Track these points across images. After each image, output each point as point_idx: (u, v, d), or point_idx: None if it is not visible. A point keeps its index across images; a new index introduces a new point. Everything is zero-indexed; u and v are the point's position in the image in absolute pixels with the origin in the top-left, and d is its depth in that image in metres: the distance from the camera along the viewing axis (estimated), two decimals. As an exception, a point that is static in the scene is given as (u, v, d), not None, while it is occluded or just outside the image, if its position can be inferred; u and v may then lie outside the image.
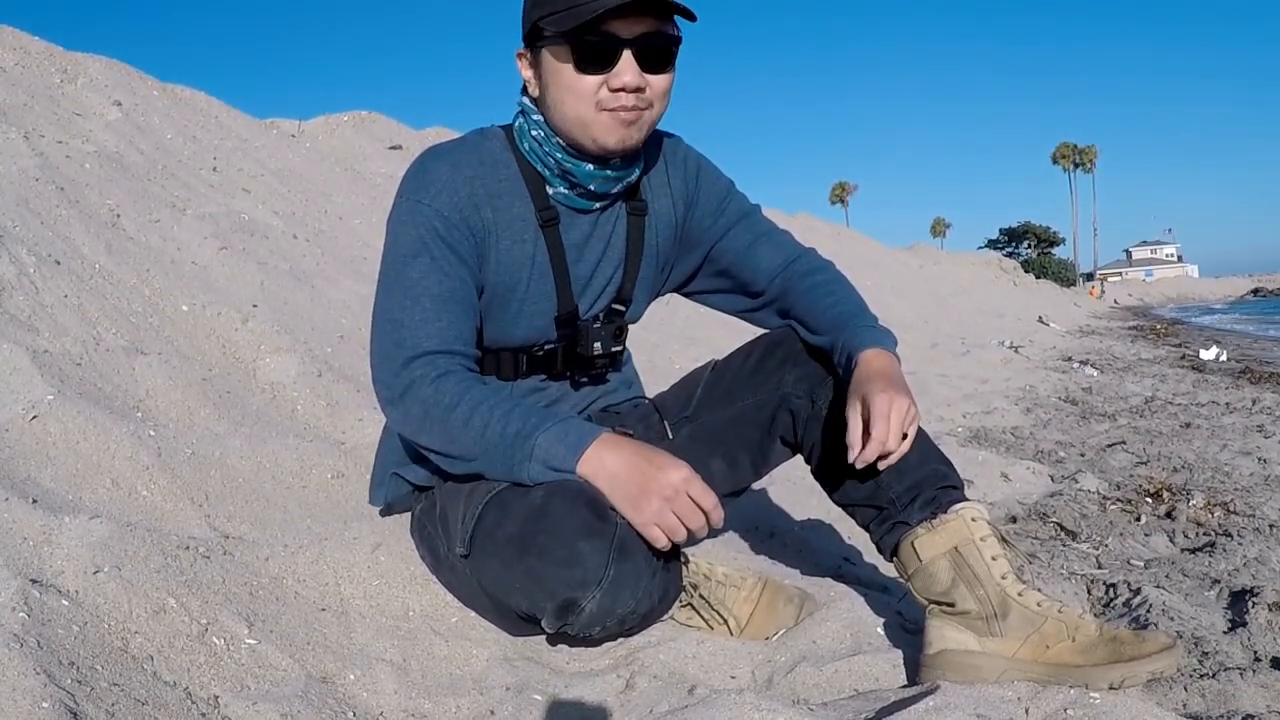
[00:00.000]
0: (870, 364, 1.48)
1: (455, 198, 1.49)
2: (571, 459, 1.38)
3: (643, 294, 1.70)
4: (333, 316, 3.20)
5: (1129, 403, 5.58)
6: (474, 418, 1.42)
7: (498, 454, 1.42)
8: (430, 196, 1.49)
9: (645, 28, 1.41)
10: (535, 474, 1.40)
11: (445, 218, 1.48)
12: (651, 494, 1.35)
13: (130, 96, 4.62)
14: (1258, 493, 3.01)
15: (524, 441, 1.40)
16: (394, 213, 1.53)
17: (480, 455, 1.43)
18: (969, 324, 12.43)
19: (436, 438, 1.46)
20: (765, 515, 2.47)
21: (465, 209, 1.50)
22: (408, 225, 1.49)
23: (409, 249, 1.49)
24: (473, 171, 1.52)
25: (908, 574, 1.49)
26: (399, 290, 1.48)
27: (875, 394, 1.41)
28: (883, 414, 1.39)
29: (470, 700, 1.41)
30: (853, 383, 1.47)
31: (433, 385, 1.44)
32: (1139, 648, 1.33)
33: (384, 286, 1.51)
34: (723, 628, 1.61)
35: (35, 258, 2.55)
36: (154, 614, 1.39)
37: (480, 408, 1.42)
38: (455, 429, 1.43)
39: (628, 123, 1.45)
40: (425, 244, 1.48)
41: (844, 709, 1.34)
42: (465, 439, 1.43)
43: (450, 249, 1.49)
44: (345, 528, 1.77)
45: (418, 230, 1.48)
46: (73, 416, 1.88)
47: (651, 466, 1.36)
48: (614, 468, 1.37)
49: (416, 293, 1.47)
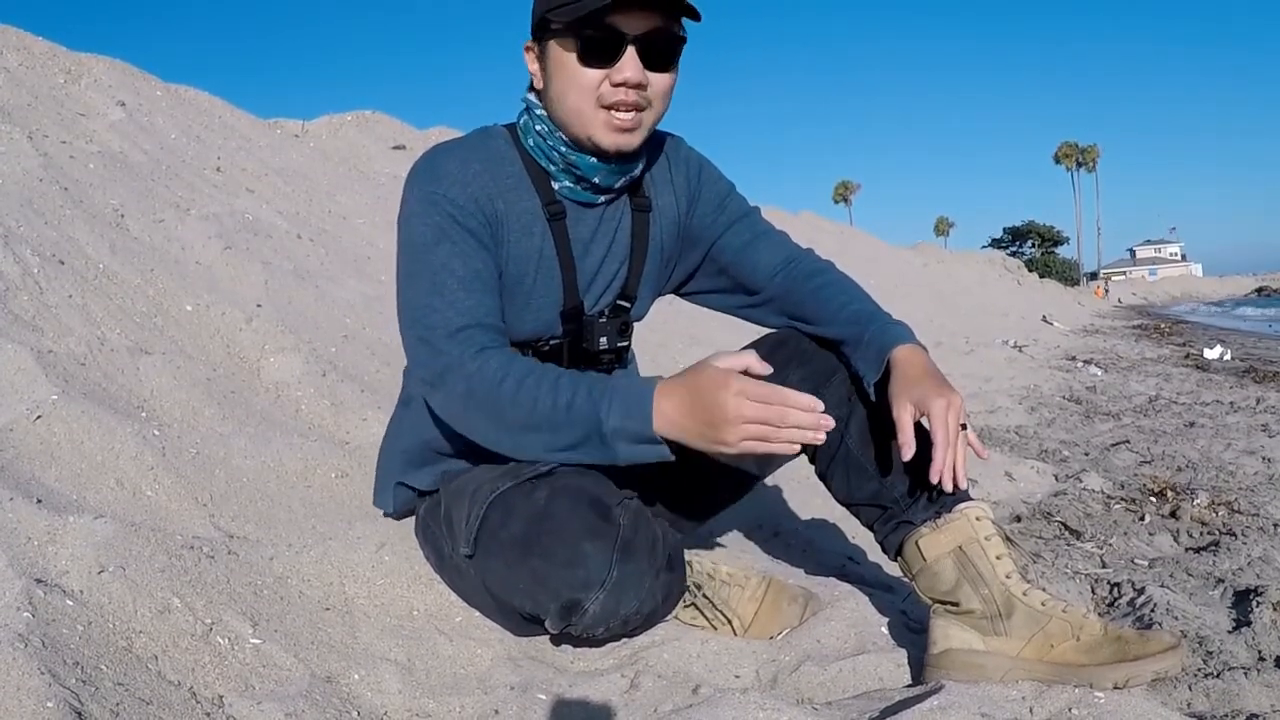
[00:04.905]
0: (911, 362, 1.48)
1: (468, 188, 1.49)
2: (649, 430, 1.33)
3: (647, 290, 1.70)
4: (337, 316, 3.20)
5: (1133, 402, 5.57)
6: (522, 392, 1.37)
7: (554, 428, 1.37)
8: (443, 187, 1.48)
9: (650, 25, 1.41)
10: (626, 456, 1.35)
11: (460, 205, 1.47)
12: (719, 425, 1.29)
13: (134, 96, 4.63)
14: (1262, 492, 3.00)
15: (596, 427, 1.34)
16: (407, 207, 1.51)
17: (534, 429, 1.38)
18: (973, 323, 12.41)
19: (483, 415, 1.41)
20: (769, 514, 2.47)
21: (479, 198, 1.49)
22: (424, 215, 1.48)
23: (429, 237, 1.47)
24: (480, 165, 1.51)
25: (912, 573, 1.49)
26: (425, 277, 1.46)
27: (931, 397, 1.41)
28: (941, 418, 1.39)
29: (474, 700, 1.41)
30: (897, 383, 1.47)
31: (475, 361, 1.40)
32: (1143, 647, 1.33)
33: (407, 277, 1.49)
34: (727, 627, 1.61)
35: (39, 258, 2.55)
36: (158, 614, 1.40)
37: (527, 380, 1.38)
38: (504, 404, 1.38)
39: (625, 128, 1.45)
40: (445, 231, 1.46)
41: (848, 708, 1.34)
42: (516, 414, 1.38)
43: (470, 234, 1.47)
44: (349, 527, 1.78)
45: (436, 218, 1.47)
46: (77, 416, 1.89)
47: (704, 389, 1.30)
48: (678, 420, 1.32)
49: (443, 277, 1.45)
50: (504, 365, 1.40)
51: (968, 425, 1.43)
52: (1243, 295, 59.63)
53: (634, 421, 1.33)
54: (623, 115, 1.44)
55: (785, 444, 1.29)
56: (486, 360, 1.40)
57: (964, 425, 1.42)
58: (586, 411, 1.35)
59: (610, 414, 1.34)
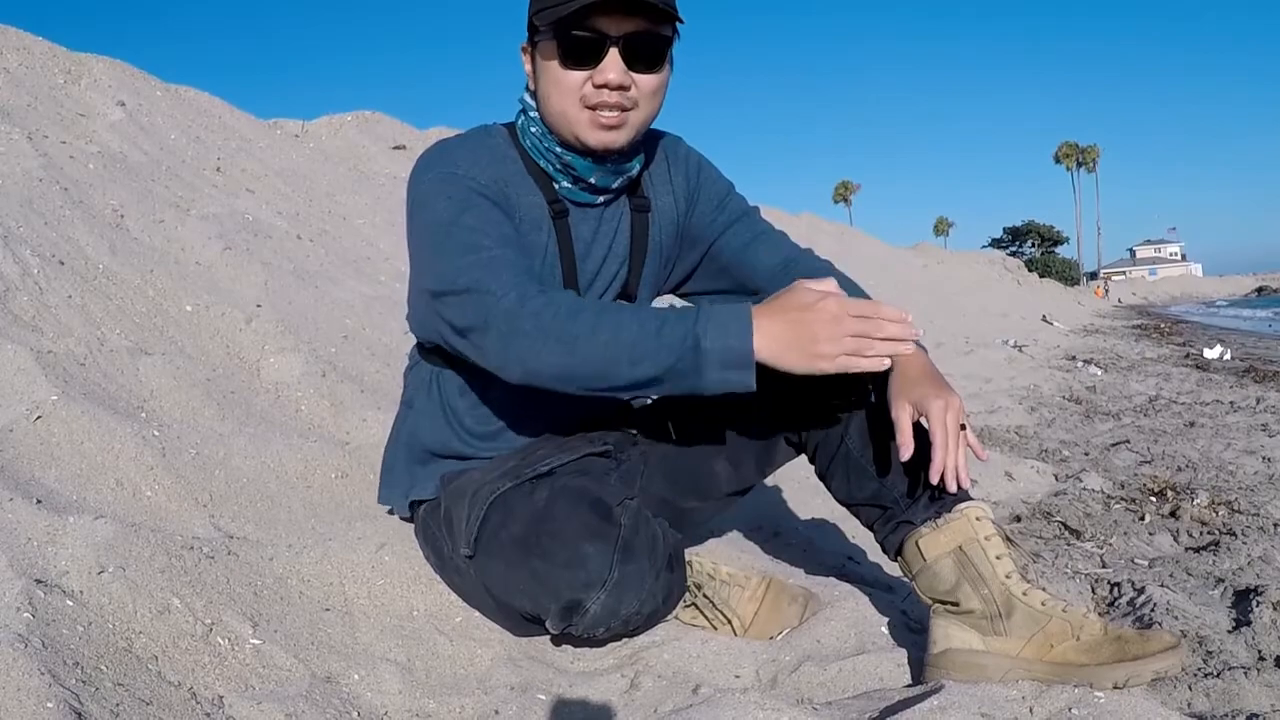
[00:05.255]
0: (910, 363, 1.48)
1: (482, 175, 1.47)
2: (748, 346, 1.27)
3: (647, 290, 1.70)
4: (337, 316, 3.20)
5: (1133, 402, 5.57)
6: (603, 319, 1.30)
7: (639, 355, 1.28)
8: (461, 168, 1.46)
9: (634, 26, 1.41)
10: (715, 382, 1.28)
11: (481, 183, 1.45)
12: (819, 339, 1.26)
13: (134, 97, 4.63)
14: (1262, 491, 3.00)
15: (691, 348, 1.27)
16: (420, 191, 1.46)
17: (615, 359, 1.29)
18: (973, 323, 12.41)
19: (558, 346, 1.30)
20: (769, 515, 2.47)
21: (495, 181, 1.48)
22: (443, 193, 1.44)
23: (452, 210, 1.41)
24: (487, 160, 1.51)
25: (912, 573, 1.49)
26: (455, 244, 1.39)
27: (930, 399, 1.40)
28: (940, 419, 1.39)
29: (474, 700, 1.41)
30: (896, 383, 1.46)
31: (543, 296, 1.32)
32: (1143, 647, 1.33)
33: (435, 250, 1.41)
34: (727, 627, 1.61)
35: (39, 258, 2.56)
36: (158, 614, 1.40)
37: (608, 310, 1.31)
38: (582, 332, 1.29)
39: (609, 126, 1.44)
40: (470, 201, 1.43)
41: (848, 708, 1.34)
42: (595, 341, 1.29)
43: (494, 204, 1.45)
44: (349, 527, 1.78)
45: (457, 193, 1.43)
46: (77, 417, 1.89)
47: (805, 317, 1.27)
48: (779, 336, 1.28)
49: (477, 238, 1.38)
50: (576, 300, 1.34)
51: (967, 426, 1.43)
52: (1242, 295, 59.67)
53: (734, 339, 1.26)
54: (607, 115, 1.43)
55: (878, 358, 1.27)
56: (554, 296, 1.33)
57: (963, 426, 1.42)
58: (680, 334, 1.27)
59: (708, 333, 1.27)
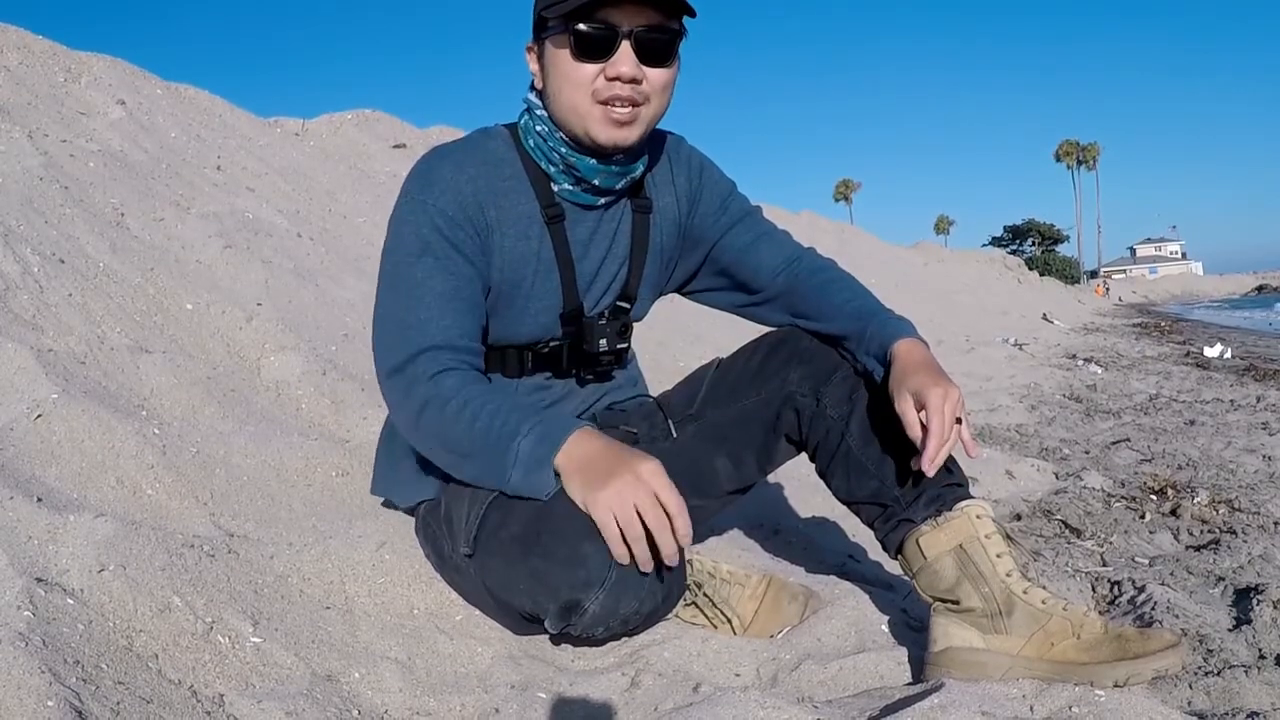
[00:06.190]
0: (911, 355, 1.49)
1: (459, 196, 1.49)
2: (550, 455, 1.35)
3: (647, 291, 1.70)
4: (337, 315, 3.20)
5: (1133, 400, 5.57)
6: (465, 413, 1.40)
7: (485, 453, 1.40)
8: (434, 195, 1.49)
9: (646, 20, 1.42)
10: (515, 483, 1.38)
11: (449, 216, 1.48)
12: (614, 478, 1.31)
13: (134, 95, 4.62)
14: (1262, 490, 3.00)
15: (508, 444, 1.37)
16: (397, 211, 1.52)
17: (471, 453, 1.41)
18: (973, 321, 12.41)
19: (433, 434, 1.44)
20: (769, 513, 2.47)
21: (469, 208, 1.50)
22: (411, 224, 1.49)
23: (413, 248, 1.48)
24: (476, 170, 1.52)
25: (912, 571, 1.49)
26: (403, 289, 1.48)
27: (929, 388, 1.41)
28: (938, 408, 1.40)
29: (475, 698, 1.41)
30: (896, 375, 1.47)
31: (432, 381, 1.43)
32: (1144, 645, 1.33)
33: (387, 285, 1.51)
34: (727, 626, 1.61)
35: (40, 257, 2.56)
36: (159, 612, 1.40)
37: (472, 403, 1.40)
38: (448, 423, 1.41)
39: (621, 122, 1.45)
40: (429, 243, 1.48)
41: (849, 707, 1.34)
42: (457, 433, 1.41)
43: (454, 247, 1.48)
44: (350, 526, 1.78)
45: (421, 229, 1.48)
46: (77, 415, 1.89)
47: (623, 453, 1.34)
48: (587, 454, 1.34)
49: (421, 292, 1.46)
50: (458, 387, 1.42)
51: (963, 420, 1.43)
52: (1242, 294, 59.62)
53: (543, 448, 1.35)
54: (619, 110, 1.44)
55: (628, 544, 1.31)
56: (443, 381, 1.42)
57: (959, 419, 1.42)
58: (507, 433, 1.37)
59: (526, 440, 1.36)
